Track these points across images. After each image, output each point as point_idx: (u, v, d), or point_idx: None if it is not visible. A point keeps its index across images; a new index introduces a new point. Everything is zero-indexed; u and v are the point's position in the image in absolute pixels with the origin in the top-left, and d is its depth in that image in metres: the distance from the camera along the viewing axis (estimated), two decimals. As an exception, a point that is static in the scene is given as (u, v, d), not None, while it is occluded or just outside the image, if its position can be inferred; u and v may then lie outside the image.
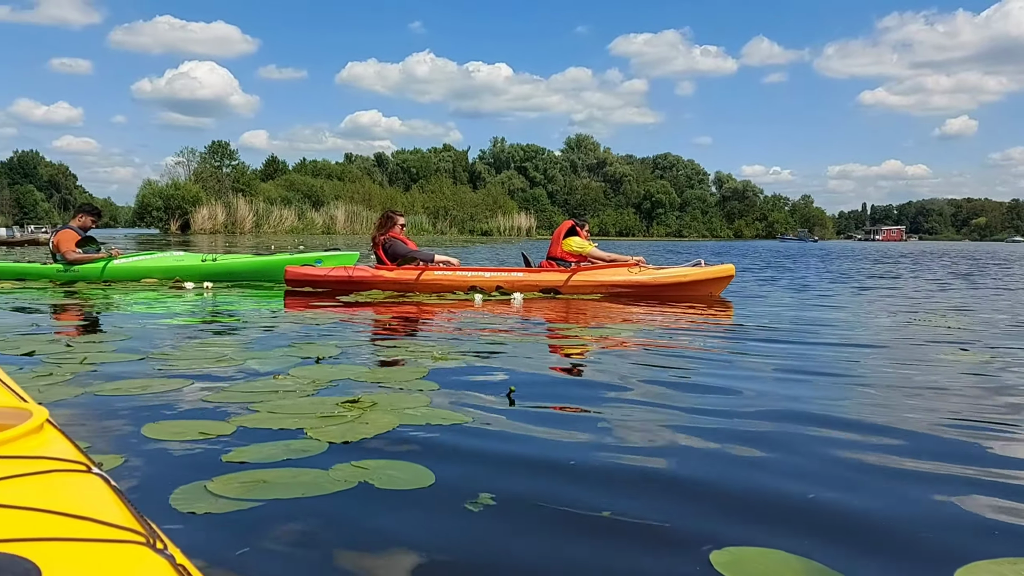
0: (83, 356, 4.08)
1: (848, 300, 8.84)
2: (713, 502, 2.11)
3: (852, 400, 3.36)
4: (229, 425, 2.72)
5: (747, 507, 2.08)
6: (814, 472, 2.36)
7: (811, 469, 2.39)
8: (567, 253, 8.68)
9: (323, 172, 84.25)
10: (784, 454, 2.53)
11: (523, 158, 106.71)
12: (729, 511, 2.05)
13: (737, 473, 2.35)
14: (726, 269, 8.56)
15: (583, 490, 2.17)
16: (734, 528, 1.92)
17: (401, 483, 2.16)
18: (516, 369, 3.98)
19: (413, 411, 2.95)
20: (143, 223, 64.24)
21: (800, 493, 2.17)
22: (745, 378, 3.81)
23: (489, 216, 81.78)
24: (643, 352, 4.66)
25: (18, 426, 1.32)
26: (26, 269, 9.26)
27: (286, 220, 63.08)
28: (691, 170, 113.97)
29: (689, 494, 2.17)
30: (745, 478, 2.30)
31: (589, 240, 8.90)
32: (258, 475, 2.20)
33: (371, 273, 8.48)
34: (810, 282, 12.04)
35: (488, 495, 2.09)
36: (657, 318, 6.50)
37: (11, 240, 26.93)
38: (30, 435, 1.32)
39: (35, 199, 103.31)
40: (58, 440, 1.36)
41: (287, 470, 2.26)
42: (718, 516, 2.02)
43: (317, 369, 3.82)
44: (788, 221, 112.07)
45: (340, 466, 2.29)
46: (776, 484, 2.25)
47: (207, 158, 74.83)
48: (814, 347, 4.91)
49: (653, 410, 3.09)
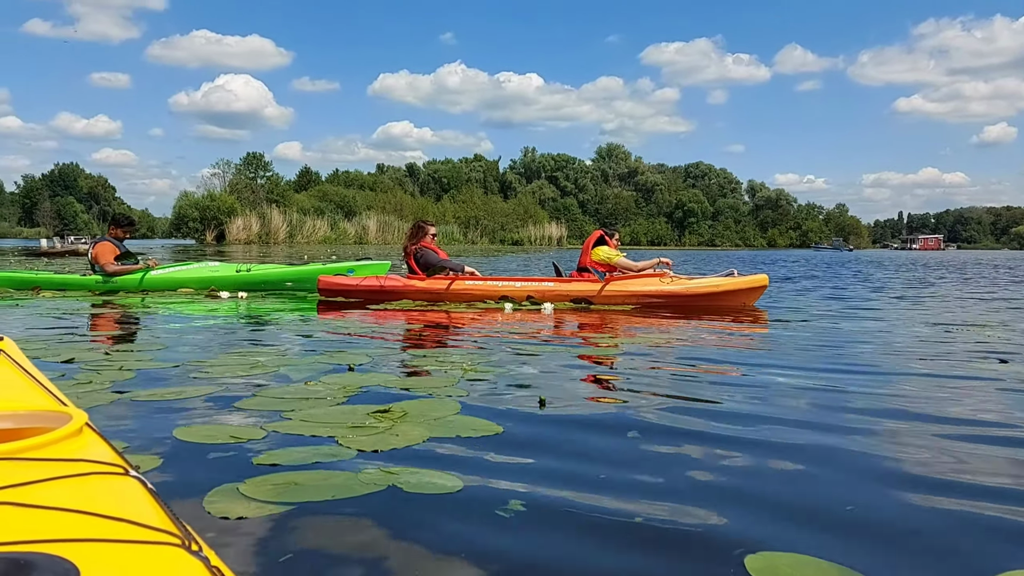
0: (121, 363, 4.15)
1: (885, 310, 8.71)
2: (747, 508, 2.09)
3: (888, 410, 3.30)
4: (261, 431, 2.75)
5: (782, 514, 2.06)
6: (850, 482, 2.33)
7: (847, 479, 2.36)
8: (596, 263, 8.63)
9: (355, 183, 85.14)
10: (819, 464, 2.50)
11: (554, 168, 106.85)
12: (763, 517, 2.03)
13: (771, 481, 2.32)
14: (759, 279, 8.48)
15: (615, 497, 2.16)
16: (769, 534, 1.90)
17: (430, 487, 2.18)
18: (547, 379, 3.98)
19: (443, 421, 2.96)
20: (179, 234, 65.23)
21: (836, 502, 2.14)
22: (779, 389, 3.77)
23: (520, 226, 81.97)
24: (675, 362, 4.63)
25: (58, 429, 1.34)
26: (66, 280, 9.43)
27: (319, 230, 63.70)
28: (723, 179, 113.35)
29: (722, 500, 2.15)
30: (779, 486, 2.28)
31: (619, 249, 8.85)
32: (289, 477, 2.23)
33: (402, 283, 8.52)
34: (845, 291, 11.88)
35: (518, 502, 2.09)
36: (689, 329, 6.46)
37: (52, 251, 27.44)
38: (70, 438, 1.34)
39: (75, 210, 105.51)
40: (97, 443, 1.39)
41: (318, 472, 2.28)
42: (752, 522, 2.00)
43: (349, 377, 3.85)
44: (822, 230, 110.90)
45: (370, 470, 2.31)
46: (811, 492, 2.22)
47: (242, 169, 76.05)
48: (850, 358, 4.84)
49: (684, 419, 3.07)
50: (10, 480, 1.12)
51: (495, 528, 1.93)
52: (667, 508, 2.08)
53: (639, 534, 1.91)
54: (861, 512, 2.08)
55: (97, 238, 9.90)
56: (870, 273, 19.21)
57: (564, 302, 8.17)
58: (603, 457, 2.54)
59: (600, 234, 8.89)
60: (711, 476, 2.36)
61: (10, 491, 1.08)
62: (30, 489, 1.11)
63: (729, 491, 2.23)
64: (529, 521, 1.98)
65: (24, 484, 1.11)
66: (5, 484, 1.10)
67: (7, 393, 1.61)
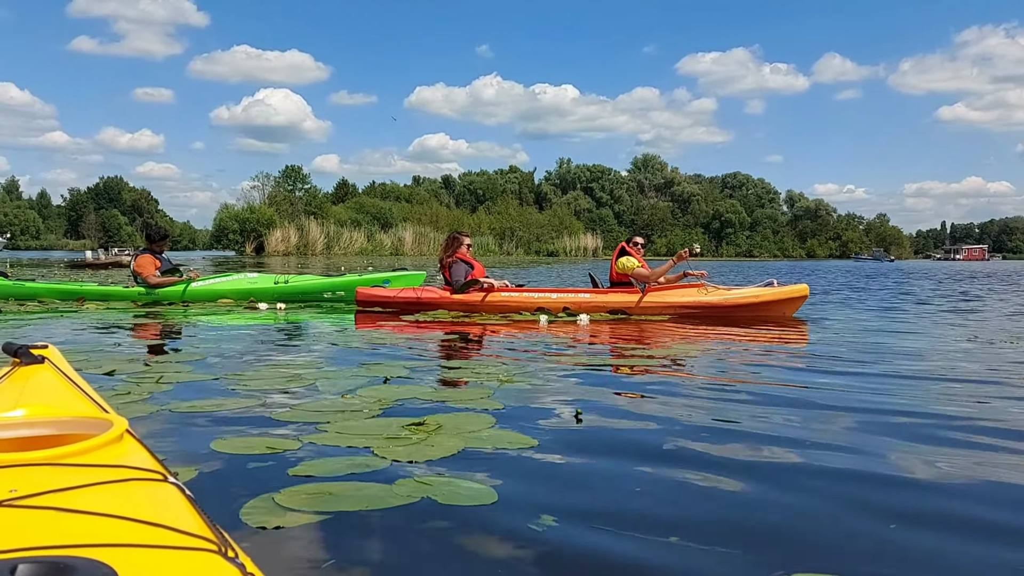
0: (160, 375, 4.21)
1: (928, 323, 8.53)
2: (786, 528, 2.06)
3: (932, 430, 3.22)
4: (297, 442, 2.77)
5: (822, 535, 2.02)
6: (889, 505, 2.28)
7: (887, 502, 2.31)
8: (620, 275, 8.55)
9: (392, 195, 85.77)
10: (859, 485, 2.44)
11: (589, 178, 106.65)
12: (803, 538, 2.00)
13: (811, 500, 2.28)
14: (800, 289, 8.37)
15: (651, 514, 2.14)
16: (808, 555, 1.87)
17: (464, 499, 2.18)
18: (583, 392, 3.95)
19: (478, 433, 2.96)
20: (220, 245, 66.17)
21: (877, 523, 2.10)
22: (819, 404, 3.70)
23: (555, 237, 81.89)
24: (713, 377, 4.58)
25: (99, 435, 1.37)
26: (110, 291, 9.60)
27: (356, 242, 64.24)
28: (761, 189, 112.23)
29: (760, 519, 2.11)
30: (819, 505, 2.24)
31: (641, 258, 8.70)
32: (324, 488, 2.24)
33: (438, 294, 8.55)
34: (887, 303, 11.69)
35: (551, 516, 2.07)
36: (728, 340, 6.39)
37: (96, 262, 27.98)
38: (111, 445, 1.37)
39: (119, 223, 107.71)
40: (137, 450, 1.41)
41: (352, 483, 2.29)
42: (791, 542, 1.96)
43: (385, 389, 3.87)
44: (863, 240, 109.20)
45: (404, 481, 2.31)
46: (851, 513, 2.18)
47: (281, 182, 76.97)
48: (892, 373, 4.72)
49: (723, 434, 3.03)
50: (52, 485, 1.14)
51: (529, 541, 1.92)
52: (704, 526, 2.05)
53: (676, 552, 1.88)
54: (899, 534, 2.04)
55: (139, 251, 10.06)
56: (913, 283, 18.86)
57: (600, 313, 8.14)
58: (639, 475, 2.51)
59: (622, 246, 8.79)
60: (749, 493, 2.32)
61: (52, 496, 1.11)
62: (71, 494, 1.13)
63: (767, 509, 2.19)
64: (563, 536, 1.96)
65: (66, 489, 1.14)
66: (47, 489, 1.12)
67: (51, 400, 1.65)
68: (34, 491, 1.11)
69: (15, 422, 1.56)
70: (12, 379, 1.76)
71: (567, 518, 2.07)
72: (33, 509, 1.07)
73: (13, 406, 1.60)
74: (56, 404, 1.64)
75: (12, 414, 1.58)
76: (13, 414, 1.58)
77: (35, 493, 1.11)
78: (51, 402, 1.64)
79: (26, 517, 1.05)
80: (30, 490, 1.12)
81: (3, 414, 1.57)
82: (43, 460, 1.24)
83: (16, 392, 1.68)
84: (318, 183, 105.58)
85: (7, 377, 1.77)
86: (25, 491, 1.11)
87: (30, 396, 1.66)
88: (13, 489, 1.11)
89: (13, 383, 1.74)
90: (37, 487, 1.13)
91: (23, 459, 1.24)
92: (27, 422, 1.56)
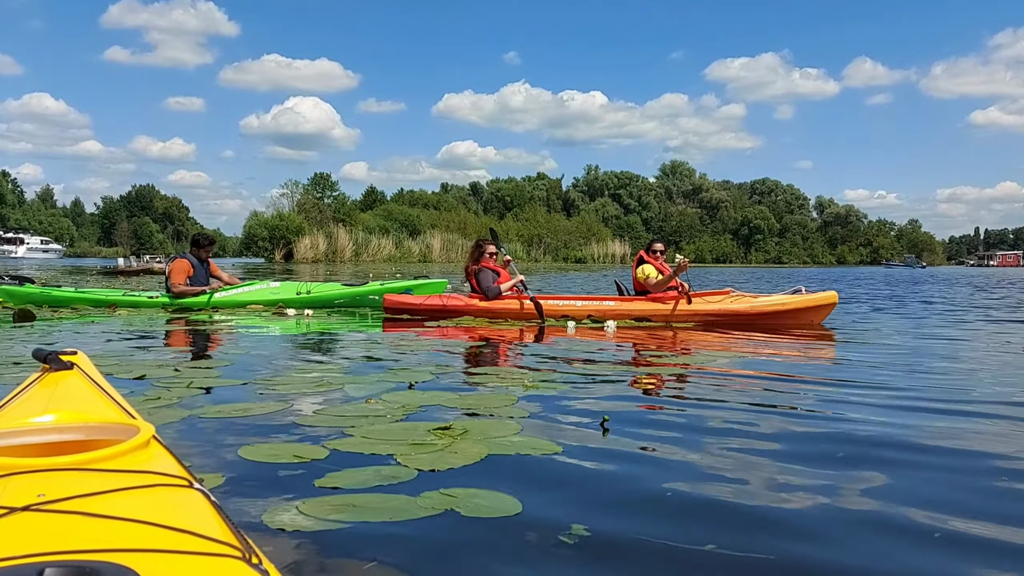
0: (189, 380, 4.25)
1: (961, 331, 8.40)
2: (820, 538, 2.03)
3: (972, 446, 3.15)
4: (323, 450, 2.78)
5: (860, 546, 1.99)
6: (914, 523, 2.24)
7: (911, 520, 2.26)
8: (640, 283, 8.50)
9: (419, 202, 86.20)
10: (889, 499, 2.39)
11: (617, 185, 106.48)
12: (839, 548, 1.97)
13: (846, 511, 2.23)
14: (828, 297, 8.27)
15: (681, 523, 2.11)
16: (846, 565, 1.85)
17: (487, 511, 2.16)
18: (609, 400, 3.93)
19: (503, 440, 2.94)
20: (249, 252, 66.87)
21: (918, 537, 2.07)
22: (848, 416, 3.63)
23: (583, 243, 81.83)
24: (740, 387, 4.54)
25: (126, 441, 1.38)
26: (137, 299, 9.71)
27: (384, 249, 64.61)
28: (790, 195, 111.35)
29: (794, 528, 2.08)
30: (857, 515, 2.19)
31: (662, 264, 8.52)
32: (348, 499, 2.24)
33: (464, 302, 8.60)
34: (919, 310, 11.53)
35: (582, 526, 2.04)
36: (755, 349, 6.33)
37: (128, 269, 28.38)
38: (137, 450, 1.38)
39: (151, 230, 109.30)
40: (163, 456, 1.42)
41: (377, 495, 2.29)
42: (826, 551, 1.93)
43: (410, 394, 3.87)
44: (894, 246, 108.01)
45: (428, 492, 2.30)
46: (889, 520, 2.14)
47: (310, 190, 77.65)
48: (926, 386, 4.60)
49: (752, 443, 2.99)
50: (79, 490, 1.15)
51: (552, 554, 1.90)
52: (738, 535, 2.02)
53: (710, 562, 1.86)
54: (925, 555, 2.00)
55: (174, 255, 10.16)
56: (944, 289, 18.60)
57: (627, 320, 8.10)
58: (667, 481, 2.48)
59: (641, 254, 8.72)
60: (782, 503, 2.29)
61: (79, 500, 1.12)
62: (98, 499, 1.14)
63: (800, 519, 2.16)
64: (588, 548, 1.94)
65: (93, 494, 1.15)
66: (74, 494, 1.13)
67: (79, 405, 1.67)
68: (61, 495, 1.12)
69: (44, 427, 1.58)
70: (42, 385, 1.78)
71: (592, 530, 2.04)
72: (60, 513, 1.08)
73: (42, 411, 1.62)
74: (84, 410, 1.65)
75: (41, 419, 1.60)
76: (42, 419, 1.60)
77: (62, 498, 1.12)
78: (79, 408, 1.66)
79: (53, 521, 1.06)
80: (58, 494, 1.13)
81: (32, 419, 1.59)
82: (71, 465, 1.25)
83: (46, 397, 1.70)
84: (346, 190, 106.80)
85: (37, 383, 1.79)
86: (53, 495, 1.12)
87: (59, 402, 1.68)
88: (41, 493, 1.13)
89: (43, 389, 1.76)
90: (64, 492, 1.14)
91: (51, 464, 1.25)
92: (56, 427, 1.58)
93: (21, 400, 1.70)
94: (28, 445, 1.55)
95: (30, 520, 1.06)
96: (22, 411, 1.64)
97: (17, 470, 1.21)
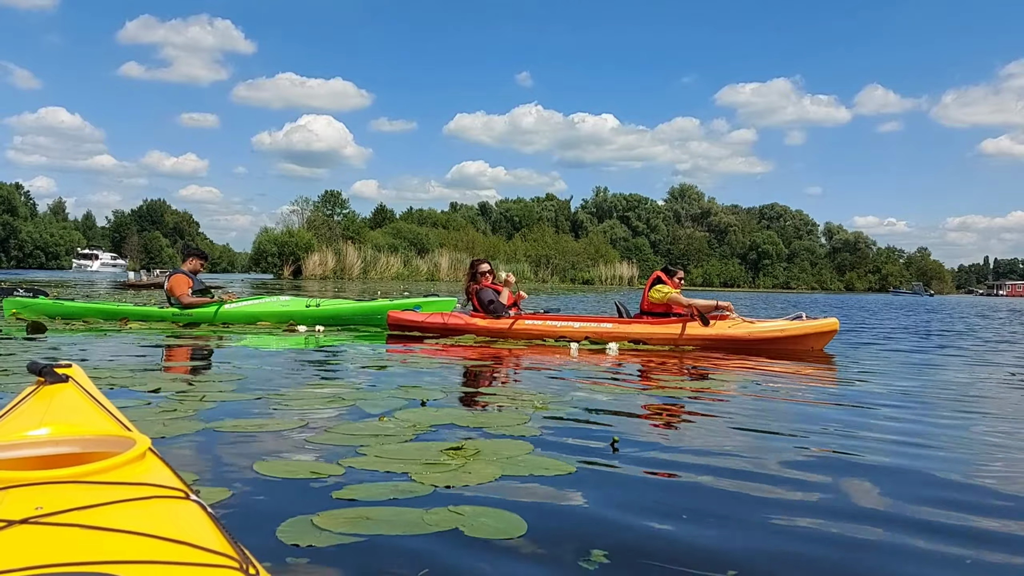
0: (203, 394, 4.28)
1: (964, 360, 8.38)
2: (837, 562, 2.04)
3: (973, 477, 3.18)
4: (339, 467, 2.81)
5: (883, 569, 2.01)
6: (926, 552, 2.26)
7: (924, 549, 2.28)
8: (654, 304, 8.48)
9: (429, 220, 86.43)
10: (902, 530, 2.41)
11: (625, 207, 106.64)
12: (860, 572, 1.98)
13: (863, 534, 2.25)
14: (829, 323, 8.26)
15: (696, 545, 2.13)
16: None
17: (491, 532, 2.16)
18: (618, 420, 3.96)
19: (515, 459, 2.97)
20: (258, 268, 67.02)
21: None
22: (850, 439, 3.65)
23: (591, 265, 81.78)
24: (745, 407, 4.55)
25: (122, 453, 1.39)
26: (148, 312, 9.76)
27: (392, 267, 64.65)
28: (799, 220, 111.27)
29: (811, 552, 2.10)
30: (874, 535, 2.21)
31: (679, 288, 8.54)
32: (362, 512, 2.27)
33: (465, 320, 8.67)
34: (922, 338, 11.50)
35: (586, 549, 2.07)
36: (756, 373, 6.34)
37: (138, 283, 28.50)
38: (134, 462, 1.39)
39: (161, 245, 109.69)
40: (159, 467, 1.43)
41: (390, 508, 2.31)
42: None
43: (422, 412, 3.90)
44: (903, 274, 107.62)
45: (438, 509, 2.32)
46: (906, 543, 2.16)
47: (320, 207, 78.10)
48: (925, 413, 4.63)
49: (759, 467, 3.01)
50: (77, 503, 1.16)
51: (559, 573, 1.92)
52: (755, 558, 2.04)
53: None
54: None
55: (171, 271, 10.24)
56: (951, 318, 18.52)
57: (624, 342, 8.11)
58: (679, 502, 2.51)
59: (657, 274, 8.72)
60: (798, 524, 2.31)
61: (75, 513, 1.13)
62: (95, 511, 1.15)
63: (817, 541, 2.18)
64: (602, 569, 1.96)
65: (90, 507, 1.16)
66: (72, 506, 1.15)
67: (75, 418, 1.67)
68: (59, 508, 1.13)
69: (40, 440, 1.58)
70: (37, 398, 1.77)
71: (615, 549, 2.06)
72: (58, 526, 1.09)
73: (38, 424, 1.62)
74: (80, 422, 1.65)
75: (37, 432, 1.59)
76: (38, 432, 1.59)
77: (60, 510, 1.12)
78: (75, 420, 1.66)
79: (51, 534, 1.07)
80: (55, 507, 1.13)
81: (28, 432, 1.59)
82: (68, 478, 1.26)
83: (41, 411, 1.69)
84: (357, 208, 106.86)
85: (32, 396, 1.78)
86: (50, 508, 1.13)
87: (54, 415, 1.67)
88: (39, 506, 1.13)
89: (38, 402, 1.75)
90: (62, 504, 1.15)
91: (48, 477, 1.25)
92: (52, 440, 1.58)
93: (16, 413, 1.69)
94: (24, 458, 1.55)
95: (29, 533, 1.07)
96: (18, 424, 1.63)
97: (15, 483, 1.22)
